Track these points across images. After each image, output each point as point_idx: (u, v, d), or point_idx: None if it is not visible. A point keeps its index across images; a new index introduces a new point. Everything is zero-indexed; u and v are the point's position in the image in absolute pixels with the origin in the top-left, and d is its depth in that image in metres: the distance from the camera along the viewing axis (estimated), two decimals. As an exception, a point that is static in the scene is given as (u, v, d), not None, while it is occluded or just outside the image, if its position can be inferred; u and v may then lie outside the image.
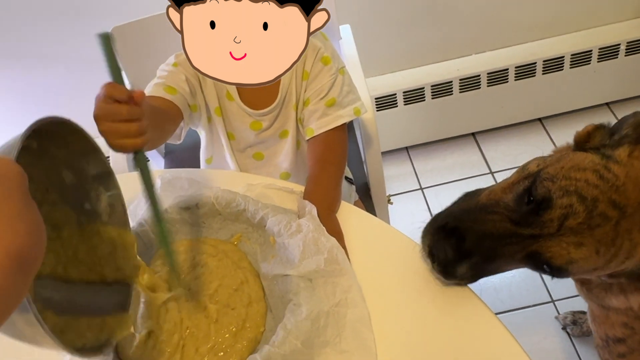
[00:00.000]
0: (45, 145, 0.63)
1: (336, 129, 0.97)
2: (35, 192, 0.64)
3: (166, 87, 0.94)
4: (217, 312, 0.76)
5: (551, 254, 0.67)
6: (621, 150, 0.69)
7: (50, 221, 0.67)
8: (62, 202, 0.69)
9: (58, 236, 0.68)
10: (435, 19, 1.66)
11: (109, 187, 0.73)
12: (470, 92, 1.75)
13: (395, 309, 0.75)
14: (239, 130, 1.04)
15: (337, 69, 0.98)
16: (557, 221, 0.66)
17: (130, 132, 0.69)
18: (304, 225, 0.76)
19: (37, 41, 1.53)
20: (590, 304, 0.88)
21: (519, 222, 0.69)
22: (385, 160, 1.90)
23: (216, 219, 0.85)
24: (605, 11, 1.71)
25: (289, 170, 1.08)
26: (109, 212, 0.73)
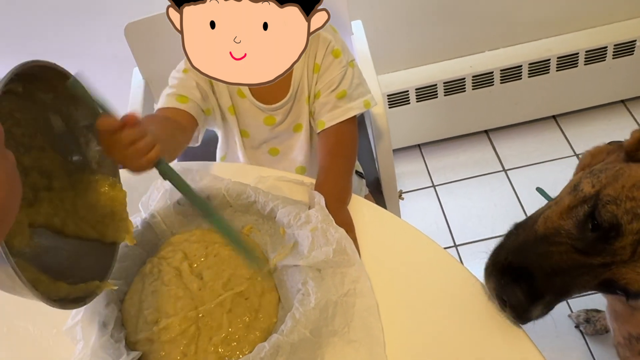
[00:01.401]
0: (31, 89, 0.63)
1: (347, 121, 0.97)
2: (22, 137, 0.65)
3: (178, 96, 0.95)
4: (231, 301, 0.76)
5: (626, 280, 0.64)
6: None
7: (39, 167, 0.68)
8: (50, 148, 0.69)
9: (49, 186, 0.68)
10: (448, 16, 1.66)
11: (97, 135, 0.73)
12: (483, 89, 1.74)
13: (404, 300, 0.75)
14: (252, 126, 1.05)
15: (347, 62, 0.99)
16: (630, 248, 0.63)
17: (141, 151, 0.69)
18: (312, 216, 0.77)
19: (51, 39, 1.55)
20: (613, 303, 0.87)
21: (588, 252, 0.66)
22: (397, 157, 1.91)
23: (227, 211, 0.86)
24: (620, 7, 1.69)
25: (304, 164, 1.08)
26: (97, 160, 0.73)
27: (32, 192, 0.67)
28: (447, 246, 1.67)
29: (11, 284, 0.52)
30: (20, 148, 0.66)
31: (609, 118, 1.87)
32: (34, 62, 0.58)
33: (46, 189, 0.68)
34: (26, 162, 0.67)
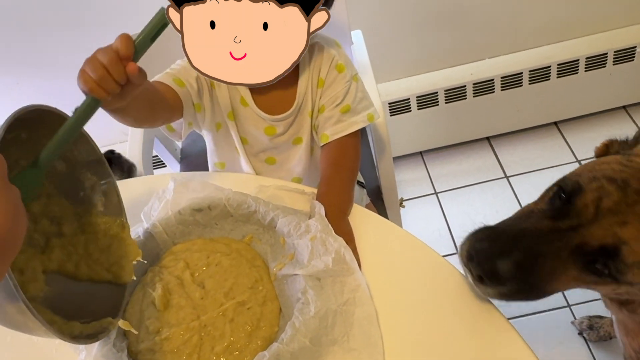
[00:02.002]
0: (35, 135, 0.64)
1: (350, 135, 0.98)
2: None
3: (175, 78, 0.95)
4: (233, 310, 0.77)
5: (597, 239, 0.64)
6: (637, 148, 0.70)
7: (48, 214, 0.69)
8: (58, 194, 0.70)
9: (59, 232, 0.69)
10: (448, 24, 1.67)
11: (102, 176, 0.75)
12: (484, 97, 1.74)
13: (404, 309, 0.75)
14: (252, 134, 1.05)
15: (351, 76, 0.99)
16: (592, 205, 0.65)
17: (96, 73, 0.68)
18: (312, 225, 0.78)
19: (55, 51, 1.57)
20: (623, 318, 0.86)
21: (556, 217, 0.68)
22: (399, 164, 1.91)
23: (228, 221, 0.87)
24: (620, 14, 1.70)
25: (301, 175, 1.09)
26: (103, 202, 0.75)
27: (43, 239, 0.68)
28: (449, 253, 1.67)
29: (23, 320, 0.53)
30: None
31: (610, 124, 1.87)
32: (31, 106, 0.59)
33: (57, 235, 0.69)
34: (35, 210, 0.68)
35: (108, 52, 0.69)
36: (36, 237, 0.66)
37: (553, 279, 0.68)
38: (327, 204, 0.84)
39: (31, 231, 0.66)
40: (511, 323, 0.73)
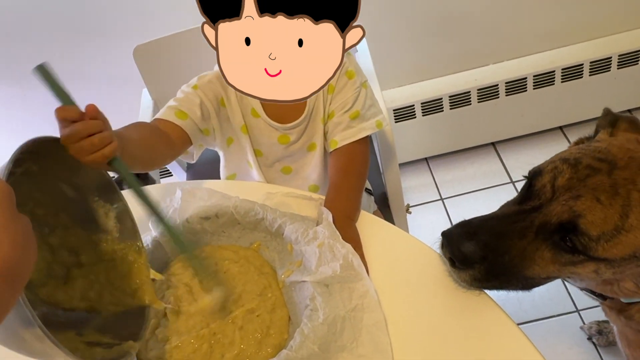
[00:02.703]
0: (45, 166, 0.65)
1: (359, 141, 0.98)
2: (45, 217, 0.67)
3: (178, 111, 0.94)
4: (242, 318, 0.77)
5: (556, 215, 0.67)
6: (600, 135, 0.76)
7: (67, 245, 0.69)
8: (73, 224, 0.71)
9: (78, 262, 0.70)
10: (452, 30, 1.67)
11: (113, 200, 0.76)
12: (488, 102, 1.75)
13: (412, 315, 0.75)
14: (266, 145, 1.05)
15: (360, 83, 0.99)
16: (549, 184, 0.69)
17: (95, 145, 0.67)
18: (320, 232, 0.78)
19: (61, 61, 1.58)
20: (625, 330, 0.87)
21: (521, 202, 0.73)
22: (405, 171, 1.91)
23: (236, 228, 0.87)
24: (624, 18, 1.70)
25: (317, 183, 1.09)
26: (119, 229, 0.75)
27: (63, 270, 0.68)
28: (456, 259, 1.66)
29: (41, 347, 0.53)
30: (45, 228, 0.68)
31: (616, 127, 1.87)
32: (40, 139, 0.60)
33: (77, 265, 0.70)
34: (53, 242, 0.68)
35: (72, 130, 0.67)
36: (56, 269, 0.67)
37: (528, 261, 0.70)
38: (334, 210, 0.84)
39: (50, 262, 0.67)
40: (521, 328, 0.72)
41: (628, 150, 0.68)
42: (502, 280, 0.72)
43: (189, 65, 1.19)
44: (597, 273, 0.70)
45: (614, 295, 0.77)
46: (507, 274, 0.72)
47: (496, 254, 0.70)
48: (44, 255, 0.66)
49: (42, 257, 0.65)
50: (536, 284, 0.74)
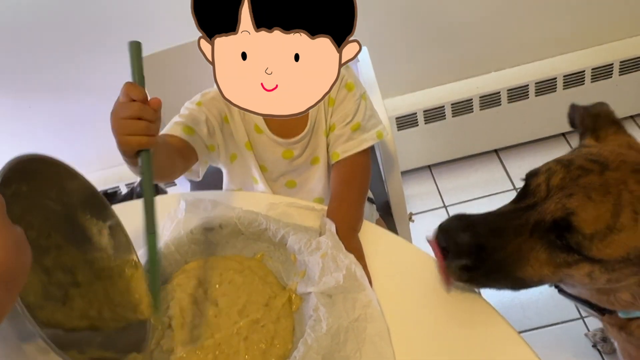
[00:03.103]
0: (35, 186, 0.66)
1: (360, 152, 0.98)
2: (38, 238, 0.67)
3: (185, 127, 0.95)
4: (247, 328, 0.77)
5: (550, 213, 0.68)
6: (587, 140, 0.78)
7: (61, 265, 0.69)
8: (66, 244, 0.71)
9: (75, 281, 0.70)
10: (453, 38, 1.68)
11: (105, 217, 0.76)
12: (490, 109, 1.75)
13: (415, 325, 0.76)
14: (270, 161, 1.05)
15: (360, 95, 1.00)
16: (544, 184, 0.71)
17: (138, 129, 0.70)
18: (323, 242, 0.78)
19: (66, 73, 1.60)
20: (627, 346, 0.87)
21: (518, 200, 0.75)
22: (408, 179, 1.92)
23: (239, 239, 0.88)
24: (625, 25, 1.71)
25: (321, 195, 1.09)
26: (113, 245, 0.75)
27: (61, 291, 0.68)
28: (460, 266, 1.66)
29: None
30: (39, 250, 0.67)
31: (619, 133, 1.87)
32: (25, 157, 0.60)
33: (74, 285, 0.70)
34: (47, 263, 0.68)
35: (130, 105, 0.70)
36: (53, 290, 0.67)
37: (522, 261, 0.71)
38: (337, 221, 0.85)
39: (47, 284, 0.67)
40: (524, 338, 0.73)
41: (620, 154, 0.70)
42: (492, 278, 0.73)
43: (190, 77, 1.20)
44: (591, 277, 0.70)
45: (610, 306, 0.77)
46: (500, 272, 0.72)
47: (491, 249, 0.71)
48: (40, 277, 0.66)
49: (38, 279, 0.65)
50: (526, 285, 0.75)
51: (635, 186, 0.66)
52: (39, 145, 1.77)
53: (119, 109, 0.71)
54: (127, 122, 0.70)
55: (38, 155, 0.64)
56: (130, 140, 0.71)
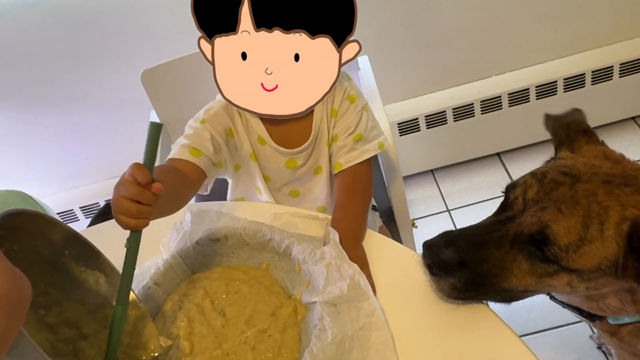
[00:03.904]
0: (25, 242, 0.67)
1: (362, 162, 0.99)
2: (37, 297, 0.67)
3: (191, 149, 0.92)
4: (254, 338, 0.78)
5: (527, 225, 0.71)
6: (562, 153, 0.79)
7: (65, 321, 0.70)
8: (66, 299, 0.72)
9: (81, 334, 0.71)
10: (453, 43, 1.69)
11: (98, 265, 0.76)
12: (492, 113, 1.76)
13: (419, 333, 0.76)
14: (274, 171, 1.05)
15: (362, 106, 1.01)
16: (521, 197, 0.73)
17: (131, 212, 0.68)
18: (327, 252, 0.79)
19: (72, 86, 1.62)
20: (621, 353, 0.88)
21: (498, 213, 0.77)
22: (411, 183, 1.93)
23: (244, 249, 0.89)
24: (624, 27, 1.72)
25: (324, 204, 1.09)
26: (111, 293, 0.76)
27: (69, 346, 0.69)
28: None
29: None
30: (40, 310, 0.68)
31: (620, 135, 1.88)
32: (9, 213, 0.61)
33: (81, 338, 0.71)
34: (51, 321, 0.69)
35: (130, 186, 0.68)
36: (61, 347, 0.67)
37: (506, 272, 0.72)
38: (341, 231, 0.85)
39: (54, 342, 0.67)
40: (529, 340, 0.73)
41: (593, 166, 0.71)
42: (481, 291, 0.75)
43: (195, 87, 1.22)
44: (571, 286, 0.72)
45: (601, 313, 0.79)
46: (486, 285, 0.74)
47: (474, 263, 0.72)
48: (46, 335, 0.66)
49: (45, 337, 0.66)
50: (515, 297, 0.76)
51: (604, 197, 0.68)
52: (44, 157, 1.79)
53: (120, 185, 0.69)
54: (123, 201, 0.69)
55: (19, 210, 0.63)
56: (121, 219, 0.69)
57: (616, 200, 0.67)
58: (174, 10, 1.49)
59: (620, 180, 0.69)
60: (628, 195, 0.67)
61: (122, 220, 0.69)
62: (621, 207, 0.67)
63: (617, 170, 0.70)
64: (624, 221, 0.66)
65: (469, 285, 0.73)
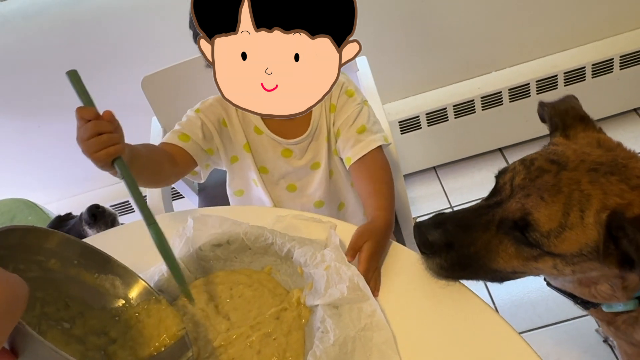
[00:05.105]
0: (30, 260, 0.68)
1: (373, 151, 0.99)
2: (58, 312, 0.69)
3: (180, 134, 0.99)
4: (260, 342, 0.79)
5: (512, 211, 0.73)
6: (556, 139, 0.80)
7: (91, 330, 0.72)
8: (87, 308, 0.74)
9: (110, 339, 0.73)
10: (452, 40, 1.69)
11: (110, 269, 0.78)
12: (493, 109, 1.76)
13: (420, 331, 0.77)
14: (271, 161, 1.07)
15: (361, 100, 1.02)
16: (509, 183, 0.75)
17: (102, 143, 0.75)
18: (327, 255, 0.80)
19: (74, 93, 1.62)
20: (621, 343, 0.89)
21: (488, 197, 0.79)
22: (413, 181, 1.93)
23: (247, 253, 0.89)
24: (624, 19, 1.71)
25: (322, 199, 1.10)
26: (129, 292, 0.78)
27: (100, 353, 0.71)
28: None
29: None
30: (64, 324, 0.70)
31: (623, 127, 1.87)
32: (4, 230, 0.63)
33: (110, 343, 0.73)
34: (77, 333, 0.71)
35: (85, 127, 0.76)
36: (92, 355, 0.69)
37: (492, 254, 0.75)
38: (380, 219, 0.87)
39: (84, 352, 0.69)
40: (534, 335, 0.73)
41: (582, 154, 0.72)
42: (470, 271, 0.77)
43: (196, 92, 1.22)
44: (557, 269, 0.74)
45: (592, 299, 0.80)
46: (474, 266, 0.76)
47: (461, 245, 0.75)
48: (77, 347, 0.68)
49: (76, 349, 0.68)
50: (505, 277, 0.79)
51: (587, 185, 0.69)
52: (48, 164, 1.81)
53: (79, 133, 0.76)
54: (91, 141, 0.75)
55: (10, 227, 0.65)
56: (100, 155, 0.75)
57: (599, 188, 0.68)
58: (173, 16, 1.49)
59: (607, 168, 0.70)
60: (613, 183, 0.68)
61: (101, 155, 0.75)
62: (604, 196, 0.68)
63: (607, 159, 0.71)
64: (604, 210, 0.67)
65: (455, 266, 0.76)
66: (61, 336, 0.68)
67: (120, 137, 0.78)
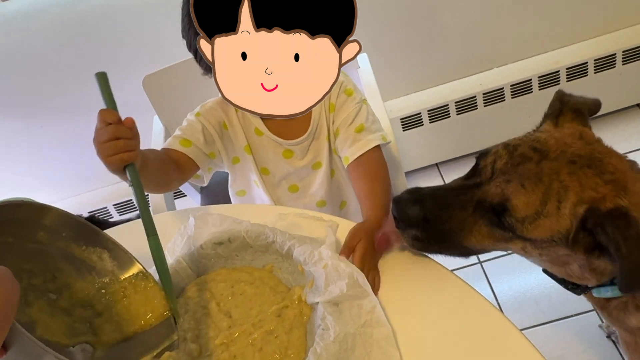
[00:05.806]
0: (19, 233, 0.68)
1: (371, 150, 0.99)
2: (45, 283, 0.69)
3: (182, 140, 0.99)
4: (261, 340, 0.79)
5: (490, 195, 0.73)
6: (545, 125, 0.81)
7: (77, 302, 0.72)
8: (74, 280, 0.74)
9: (96, 312, 0.73)
10: (454, 36, 1.69)
11: (99, 242, 0.78)
12: (495, 105, 1.76)
13: (420, 327, 0.77)
14: (272, 162, 1.06)
15: (360, 99, 1.01)
16: (490, 166, 0.75)
17: (117, 148, 0.75)
18: (323, 253, 0.80)
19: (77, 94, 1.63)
20: (620, 332, 0.89)
21: (467, 177, 0.80)
22: (415, 177, 1.93)
23: (248, 252, 0.90)
24: (625, 13, 1.70)
25: (324, 198, 1.10)
26: (118, 265, 0.78)
27: (85, 325, 0.72)
28: (472, 263, 1.67)
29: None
30: (51, 295, 0.70)
31: (625, 122, 1.87)
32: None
33: (96, 315, 0.73)
34: (64, 304, 0.71)
35: (105, 130, 0.76)
36: (78, 327, 0.70)
37: (466, 232, 0.76)
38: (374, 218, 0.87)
39: (71, 324, 0.70)
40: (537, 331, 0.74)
41: (564, 145, 0.73)
42: (442, 246, 0.79)
43: (197, 91, 1.23)
44: (525, 251, 0.76)
45: (569, 278, 0.81)
46: (447, 241, 0.78)
47: (438, 221, 0.76)
48: (62, 318, 0.69)
49: (62, 321, 0.68)
50: (472, 253, 0.81)
51: (566, 177, 0.70)
52: (51, 164, 1.82)
53: (98, 134, 0.76)
54: (107, 144, 0.75)
55: (10, 201, 0.66)
56: (114, 159, 0.76)
57: (577, 181, 0.69)
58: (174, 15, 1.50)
59: (585, 161, 0.71)
60: (589, 177, 0.69)
61: (115, 159, 0.76)
62: (580, 188, 0.69)
63: (585, 152, 0.72)
64: (580, 203, 0.69)
65: (430, 240, 0.78)
66: (47, 307, 0.68)
67: (137, 144, 0.78)
